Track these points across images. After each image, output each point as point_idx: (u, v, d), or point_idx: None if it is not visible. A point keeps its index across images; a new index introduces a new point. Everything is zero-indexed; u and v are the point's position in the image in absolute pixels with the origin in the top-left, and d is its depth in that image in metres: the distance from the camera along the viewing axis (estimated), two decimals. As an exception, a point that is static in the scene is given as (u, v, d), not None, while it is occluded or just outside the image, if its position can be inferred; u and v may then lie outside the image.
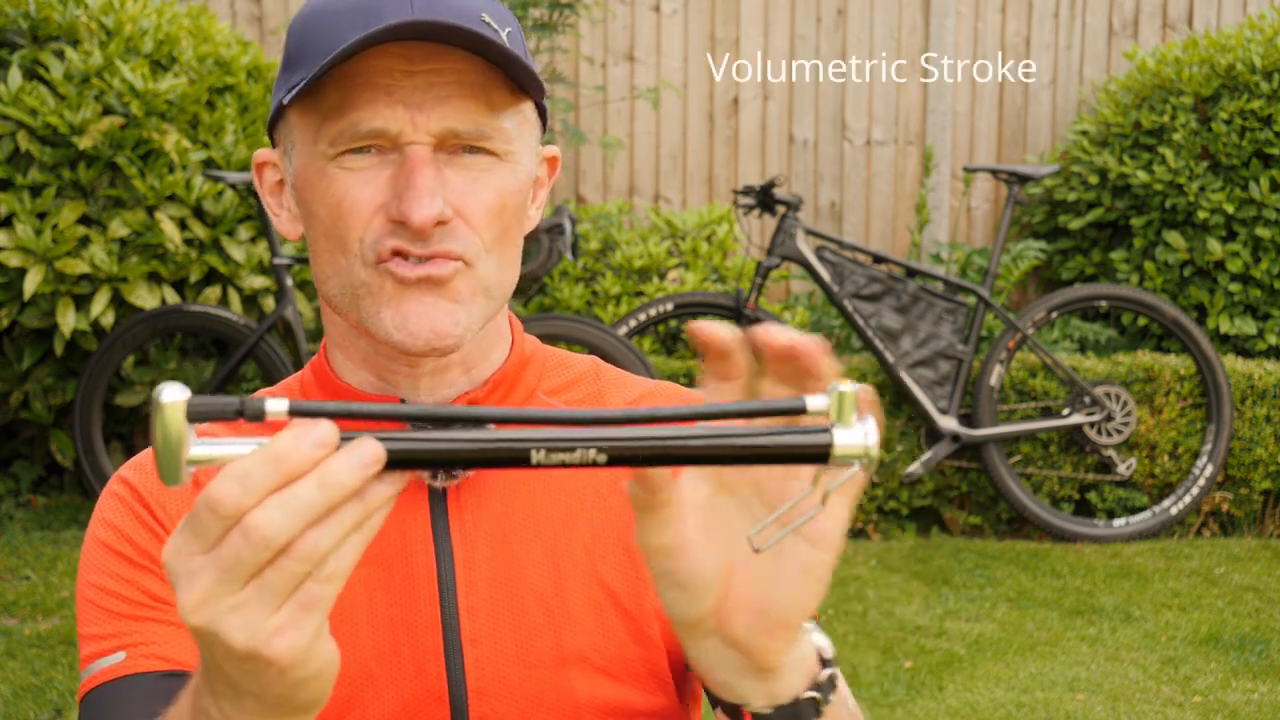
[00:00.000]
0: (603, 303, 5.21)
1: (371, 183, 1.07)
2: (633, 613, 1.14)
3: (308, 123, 1.09)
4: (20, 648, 3.68)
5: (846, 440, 0.74)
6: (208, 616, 0.72)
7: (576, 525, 1.15)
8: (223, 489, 0.71)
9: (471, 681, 1.10)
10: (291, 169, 1.12)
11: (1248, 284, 5.41)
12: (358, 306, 1.09)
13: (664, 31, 6.08)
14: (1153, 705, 3.54)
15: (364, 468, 0.71)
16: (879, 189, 6.23)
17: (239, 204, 4.76)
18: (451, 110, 1.05)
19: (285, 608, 0.72)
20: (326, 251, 1.10)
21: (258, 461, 0.71)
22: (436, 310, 1.07)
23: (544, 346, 1.24)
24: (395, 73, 1.05)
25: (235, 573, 0.71)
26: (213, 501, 0.71)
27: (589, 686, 1.12)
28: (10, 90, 4.40)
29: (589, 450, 0.73)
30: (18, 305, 4.50)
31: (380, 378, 1.15)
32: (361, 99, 1.05)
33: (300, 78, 1.06)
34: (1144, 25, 6.41)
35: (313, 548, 0.71)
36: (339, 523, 0.72)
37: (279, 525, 0.70)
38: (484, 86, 1.07)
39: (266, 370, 4.58)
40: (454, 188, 1.07)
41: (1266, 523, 5.17)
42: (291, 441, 0.71)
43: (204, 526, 0.72)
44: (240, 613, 0.72)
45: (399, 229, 1.06)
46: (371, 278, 1.08)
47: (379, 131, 1.05)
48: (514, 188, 1.11)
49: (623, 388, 1.23)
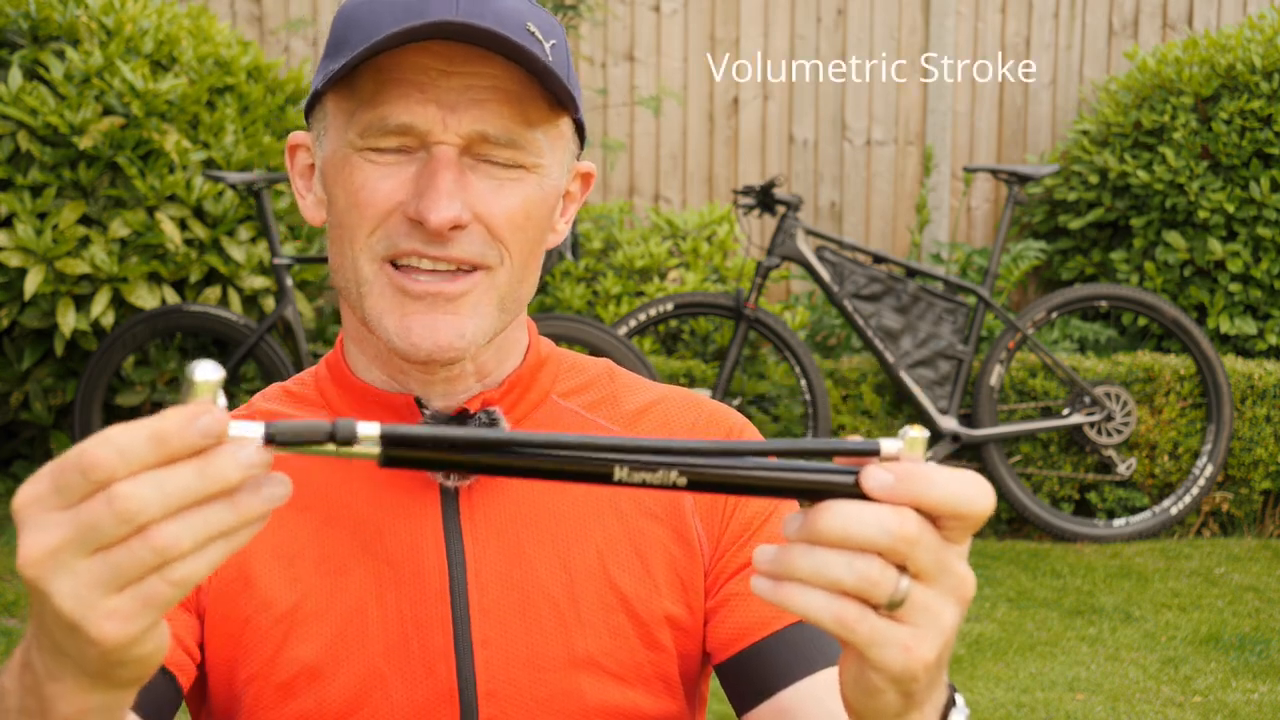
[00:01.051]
0: (604, 302, 5.21)
1: (393, 177, 1.06)
2: (644, 617, 1.14)
3: (342, 109, 1.09)
4: (20, 648, 3.68)
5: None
6: (44, 573, 0.68)
7: (589, 528, 1.15)
8: (100, 452, 0.67)
9: (482, 683, 1.09)
10: (322, 154, 1.12)
11: (1248, 284, 5.42)
12: (362, 303, 1.09)
13: (664, 31, 6.08)
14: (1153, 705, 3.54)
15: (248, 466, 0.68)
16: (879, 189, 6.23)
17: (239, 204, 4.76)
18: (484, 114, 1.05)
19: (125, 594, 0.68)
20: (337, 241, 1.10)
21: (141, 435, 0.67)
22: (441, 323, 1.07)
23: (558, 349, 1.23)
24: (432, 71, 1.04)
25: (87, 539, 0.67)
26: (86, 462, 0.67)
27: (599, 690, 1.11)
28: (11, 90, 4.40)
29: (670, 472, 0.74)
30: (18, 305, 4.50)
31: (393, 378, 1.14)
32: (395, 93, 1.04)
33: (339, 64, 1.06)
34: (1144, 25, 6.41)
35: (170, 541, 0.67)
36: (203, 521, 0.68)
37: (146, 501, 0.66)
38: (520, 96, 1.06)
39: (266, 370, 4.58)
40: (477, 193, 1.06)
41: (1266, 523, 5.17)
42: (179, 423, 0.67)
43: (68, 483, 0.68)
44: (77, 580, 0.68)
45: (415, 229, 1.06)
46: (375, 275, 1.08)
47: (407, 127, 1.05)
48: (539, 199, 1.10)
49: (636, 391, 1.23)
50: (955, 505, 0.73)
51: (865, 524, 0.72)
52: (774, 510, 1.20)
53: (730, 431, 1.22)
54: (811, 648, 1.13)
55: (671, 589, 1.15)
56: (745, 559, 1.17)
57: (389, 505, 1.12)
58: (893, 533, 0.72)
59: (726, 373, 4.74)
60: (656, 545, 1.15)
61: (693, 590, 1.16)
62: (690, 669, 1.18)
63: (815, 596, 0.73)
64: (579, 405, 1.21)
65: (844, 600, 0.73)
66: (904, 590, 0.73)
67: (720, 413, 1.23)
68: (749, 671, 1.14)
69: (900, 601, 0.74)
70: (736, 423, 1.23)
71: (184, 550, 0.68)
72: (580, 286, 5.22)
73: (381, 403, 1.14)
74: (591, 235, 5.44)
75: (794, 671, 1.12)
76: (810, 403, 4.78)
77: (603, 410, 1.21)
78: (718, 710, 3.38)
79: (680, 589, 1.16)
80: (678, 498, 1.17)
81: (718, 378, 4.77)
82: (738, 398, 5.07)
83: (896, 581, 0.73)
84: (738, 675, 1.15)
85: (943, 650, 0.76)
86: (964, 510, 0.74)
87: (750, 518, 1.18)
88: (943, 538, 0.75)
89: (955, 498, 0.73)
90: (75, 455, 0.68)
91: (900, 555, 0.73)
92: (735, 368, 4.84)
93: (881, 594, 0.73)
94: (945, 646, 0.76)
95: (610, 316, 5.15)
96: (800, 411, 5.00)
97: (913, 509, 0.73)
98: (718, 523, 1.18)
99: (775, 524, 1.20)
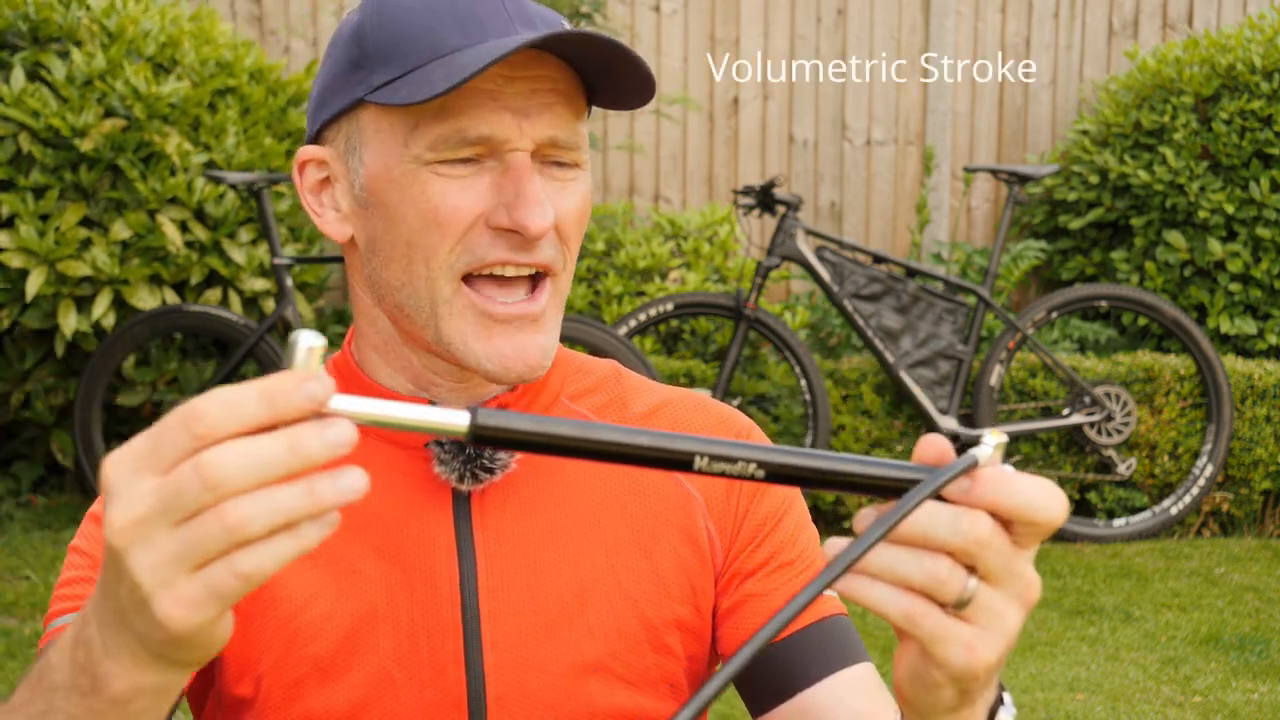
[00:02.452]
0: (605, 302, 5.22)
1: (472, 189, 1.05)
2: (653, 621, 1.14)
3: (397, 123, 1.06)
4: (20, 648, 3.69)
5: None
6: (128, 542, 0.68)
7: (598, 532, 1.15)
8: (209, 406, 0.67)
9: (491, 688, 1.10)
10: (361, 169, 1.09)
11: (1248, 284, 5.42)
12: (436, 325, 1.08)
13: (664, 31, 6.08)
14: (1153, 705, 3.54)
15: (334, 446, 0.67)
16: (879, 189, 6.23)
17: (240, 206, 4.77)
18: (554, 118, 1.05)
19: (196, 579, 0.68)
20: (405, 259, 1.07)
21: (250, 393, 0.67)
22: (529, 345, 1.08)
23: (565, 350, 1.23)
24: (499, 79, 1.03)
25: (171, 507, 0.67)
26: (193, 415, 0.67)
27: (607, 694, 1.12)
28: (12, 92, 4.40)
29: (749, 465, 0.75)
30: (19, 306, 4.50)
31: (419, 386, 1.14)
32: (468, 104, 1.03)
33: (393, 77, 1.04)
34: (1144, 25, 6.42)
35: (241, 519, 0.66)
36: (277, 502, 0.67)
37: (230, 469, 0.66)
38: (572, 95, 1.07)
39: (266, 371, 4.58)
40: (550, 197, 1.07)
41: (1266, 523, 5.18)
42: (289, 385, 0.67)
43: (171, 441, 0.68)
44: (155, 554, 0.68)
45: (502, 237, 1.05)
46: (454, 295, 1.07)
47: (486, 138, 1.04)
48: (588, 195, 1.12)
49: (643, 394, 1.24)
50: (1029, 512, 0.74)
51: (938, 524, 0.73)
52: (788, 509, 1.20)
53: (739, 435, 1.23)
54: (832, 647, 1.14)
55: (680, 592, 1.16)
56: (761, 560, 1.17)
57: (401, 507, 1.12)
58: (965, 534, 0.73)
59: (726, 373, 4.75)
60: (666, 548, 1.16)
61: (701, 593, 1.17)
62: (697, 672, 1.18)
63: (883, 590, 0.74)
64: (588, 408, 1.21)
65: (911, 596, 0.74)
66: (971, 590, 0.74)
67: (728, 415, 1.24)
68: (768, 672, 1.14)
69: (967, 601, 0.75)
70: (744, 426, 1.24)
71: (253, 533, 0.67)
72: (582, 286, 5.22)
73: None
74: (594, 235, 5.45)
75: (814, 671, 1.13)
76: (810, 403, 4.79)
77: (611, 413, 1.21)
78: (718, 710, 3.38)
79: (689, 591, 1.16)
80: (689, 500, 1.18)
81: (718, 378, 4.78)
82: (738, 398, 5.07)
83: (965, 582, 0.74)
84: (756, 676, 1.16)
85: (1004, 652, 0.77)
86: (1038, 518, 0.74)
87: (764, 518, 1.19)
88: (1013, 542, 0.75)
89: (1030, 505, 0.74)
90: (182, 411, 0.68)
91: (970, 556, 0.74)
92: (735, 368, 4.84)
93: (949, 593, 0.74)
94: (1007, 648, 0.77)
95: (612, 316, 5.15)
96: (800, 411, 5.00)
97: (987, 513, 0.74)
98: (730, 524, 1.18)
99: (789, 524, 1.20)
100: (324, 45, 5.77)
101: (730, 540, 1.18)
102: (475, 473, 1.11)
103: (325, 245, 5.23)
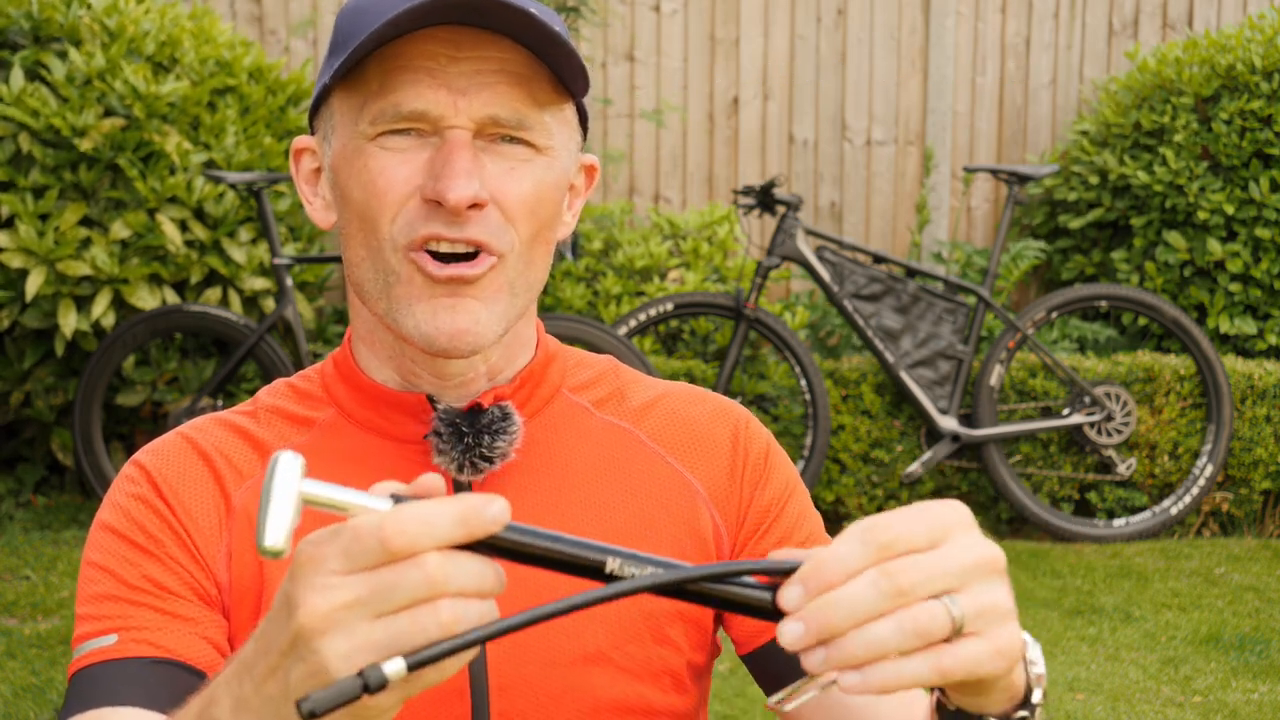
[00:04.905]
0: (604, 302, 5.21)
1: (409, 163, 1.07)
2: (654, 612, 1.14)
3: (350, 104, 1.09)
4: (20, 648, 3.68)
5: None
6: (326, 627, 0.72)
7: (599, 523, 1.15)
8: (403, 525, 0.71)
9: (494, 677, 1.10)
10: (330, 152, 1.12)
11: (1248, 284, 5.42)
12: (388, 295, 1.09)
13: (664, 31, 6.08)
14: (1153, 705, 3.54)
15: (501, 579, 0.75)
16: (879, 189, 6.23)
17: (240, 206, 4.77)
18: (495, 97, 1.06)
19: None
20: (359, 234, 1.10)
21: (448, 516, 0.72)
22: (459, 310, 1.07)
23: (564, 346, 1.25)
24: (440, 57, 1.05)
25: (379, 600, 0.71)
26: (388, 533, 0.71)
27: (609, 685, 1.12)
28: (12, 91, 4.41)
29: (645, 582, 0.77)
30: (19, 306, 4.50)
31: (405, 378, 1.15)
32: (404, 80, 1.05)
33: (341, 59, 1.07)
34: (1144, 25, 6.42)
35: (454, 617, 0.72)
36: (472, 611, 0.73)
37: (450, 576, 0.71)
38: (528, 78, 1.07)
39: (266, 370, 4.58)
40: (491, 175, 1.07)
41: (1266, 523, 5.18)
42: (478, 509, 0.72)
43: (363, 550, 0.71)
44: (353, 642, 0.72)
45: (434, 212, 1.06)
46: (402, 266, 1.08)
47: (420, 113, 1.05)
48: (551, 181, 1.11)
49: (642, 387, 1.25)
50: (904, 541, 0.75)
51: (865, 600, 0.73)
52: (791, 494, 1.22)
53: (736, 424, 1.24)
54: None
55: None
56: (768, 547, 1.19)
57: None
58: (888, 593, 0.73)
59: (726, 373, 4.75)
60: (666, 539, 1.17)
61: None
62: (698, 662, 1.18)
63: (896, 666, 0.74)
64: (588, 400, 1.22)
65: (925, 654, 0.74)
66: (959, 613, 0.74)
67: (725, 405, 1.25)
68: (784, 655, 1.14)
69: (962, 625, 0.75)
70: (741, 415, 1.25)
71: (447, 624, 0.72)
72: (581, 286, 5.22)
73: (393, 402, 1.15)
74: (592, 235, 5.45)
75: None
76: (810, 403, 4.79)
77: (611, 406, 1.22)
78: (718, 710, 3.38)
79: None
80: (690, 492, 1.19)
81: (718, 378, 4.78)
82: (738, 398, 5.07)
83: (948, 611, 0.74)
84: (770, 661, 1.17)
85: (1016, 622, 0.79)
86: (914, 541, 0.75)
87: (769, 503, 1.21)
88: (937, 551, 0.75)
89: (899, 537, 0.75)
90: (373, 526, 0.71)
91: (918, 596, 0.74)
92: (735, 368, 4.84)
93: (942, 630, 0.74)
94: (1014, 619, 0.78)
95: (611, 316, 5.15)
96: (800, 411, 5.01)
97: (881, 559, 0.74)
98: (736, 511, 1.20)
99: (793, 508, 1.22)
100: (324, 45, 5.77)
101: (737, 527, 1.20)
102: (474, 463, 1.12)
103: (325, 245, 5.23)
